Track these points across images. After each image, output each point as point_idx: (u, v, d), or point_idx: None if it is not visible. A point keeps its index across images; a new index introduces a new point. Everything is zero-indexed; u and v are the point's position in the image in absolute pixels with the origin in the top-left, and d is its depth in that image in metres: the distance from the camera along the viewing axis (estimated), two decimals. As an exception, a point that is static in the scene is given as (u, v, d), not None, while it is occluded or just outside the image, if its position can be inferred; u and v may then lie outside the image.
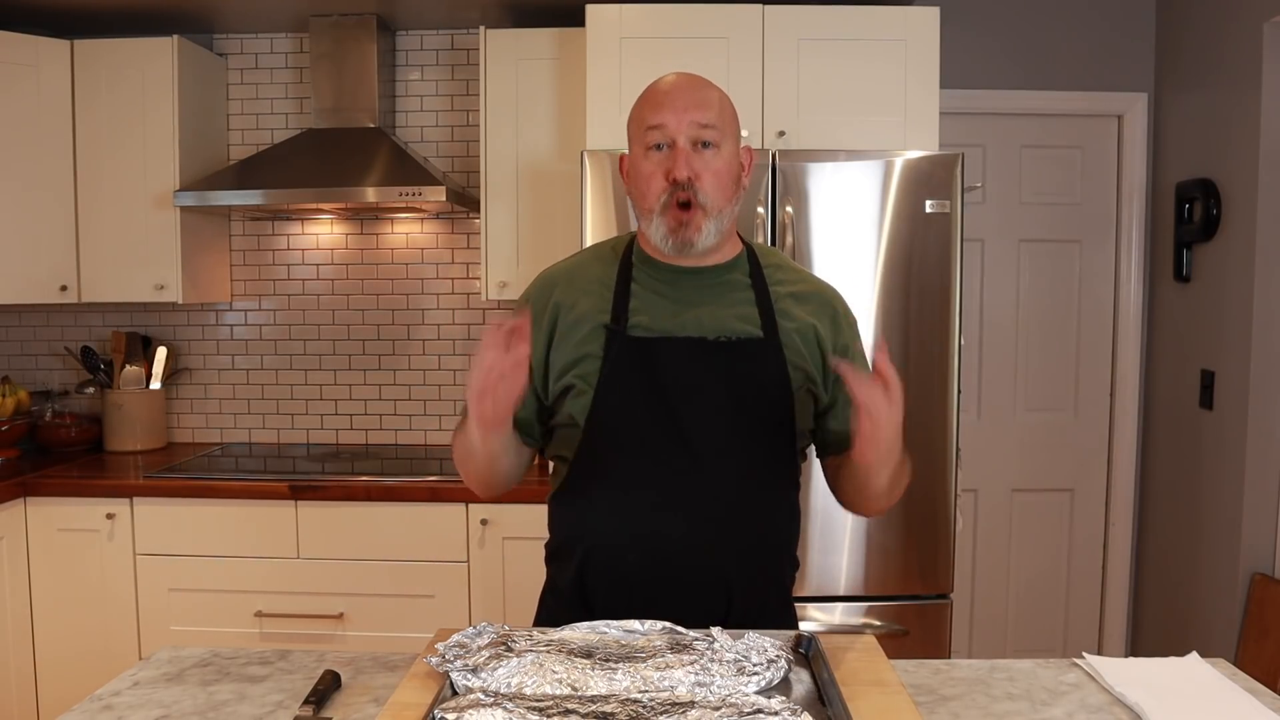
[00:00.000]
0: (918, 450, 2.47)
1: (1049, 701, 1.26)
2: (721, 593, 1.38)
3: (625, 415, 1.37)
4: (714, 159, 1.36)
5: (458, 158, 3.28)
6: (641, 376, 1.37)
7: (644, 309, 1.40)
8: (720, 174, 1.36)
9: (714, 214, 1.36)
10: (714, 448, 1.37)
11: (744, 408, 1.38)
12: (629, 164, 1.43)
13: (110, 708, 1.22)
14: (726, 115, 1.39)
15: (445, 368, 3.32)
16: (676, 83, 1.39)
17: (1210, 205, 2.80)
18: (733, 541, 1.39)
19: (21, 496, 2.75)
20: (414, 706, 1.08)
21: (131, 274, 3.01)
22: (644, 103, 1.40)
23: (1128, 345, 3.25)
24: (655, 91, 1.39)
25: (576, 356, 1.39)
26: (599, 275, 1.44)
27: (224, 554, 2.73)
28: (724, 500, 1.38)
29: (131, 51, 2.97)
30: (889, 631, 2.48)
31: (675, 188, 1.34)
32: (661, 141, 1.36)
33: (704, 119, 1.35)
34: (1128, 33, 3.17)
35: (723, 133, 1.37)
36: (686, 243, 1.36)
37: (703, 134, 1.35)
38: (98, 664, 2.72)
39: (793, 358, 1.40)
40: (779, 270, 1.47)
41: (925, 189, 2.45)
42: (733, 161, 1.39)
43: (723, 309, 1.40)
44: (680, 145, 1.35)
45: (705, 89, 1.39)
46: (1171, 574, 3.08)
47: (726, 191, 1.38)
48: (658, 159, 1.36)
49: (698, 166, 1.35)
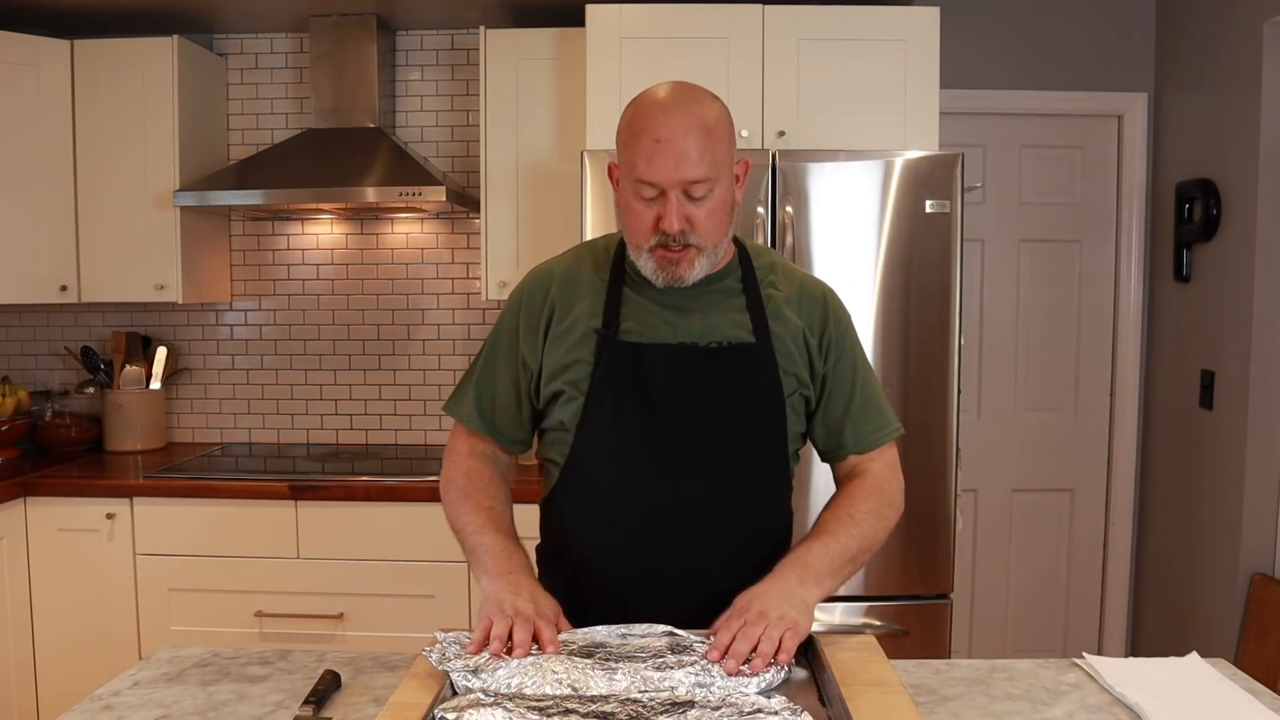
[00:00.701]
0: (918, 450, 2.49)
1: (1049, 701, 1.26)
2: (713, 598, 1.38)
3: (615, 422, 1.36)
4: (707, 201, 1.30)
5: (458, 158, 3.28)
6: (632, 383, 1.36)
7: (635, 314, 1.39)
8: (714, 214, 1.31)
9: (707, 250, 1.33)
10: (704, 454, 1.37)
11: (735, 413, 1.37)
12: (619, 194, 1.36)
13: (110, 708, 1.22)
14: (720, 154, 1.29)
15: (445, 368, 3.32)
16: (670, 126, 1.26)
17: (1210, 205, 2.80)
18: (724, 547, 1.39)
19: (21, 496, 2.75)
20: (414, 706, 1.08)
21: (131, 274, 3.01)
22: (635, 145, 1.29)
23: (1128, 345, 3.25)
24: (647, 134, 1.27)
25: (568, 361, 1.38)
26: (591, 278, 1.43)
27: (224, 554, 2.73)
28: (714, 506, 1.38)
29: (131, 51, 2.97)
30: (889, 631, 2.48)
31: (666, 236, 1.29)
32: (652, 194, 1.29)
33: (697, 174, 1.27)
34: (1128, 33, 3.17)
35: (716, 176, 1.29)
36: (677, 279, 1.34)
37: (695, 189, 1.28)
38: (98, 664, 2.72)
39: (785, 363, 1.39)
40: (772, 271, 1.45)
41: (925, 189, 2.45)
42: (727, 194, 1.33)
43: (715, 315, 1.39)
44: (671, 198, 1.28)
45: (699, 130, 1.27)
46: (1171, 574, 3.08)
47: (721, 227, 1.33)
48: (648, 203, 1.30)
49: (690, 212, 1.29)
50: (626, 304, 1.39)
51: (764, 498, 1.43)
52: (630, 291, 1.40)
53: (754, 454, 1.40)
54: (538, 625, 1.19)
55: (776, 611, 1.20)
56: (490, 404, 1.47)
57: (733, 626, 1.19)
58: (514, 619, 1.19)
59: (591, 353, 1.37)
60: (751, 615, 1.20)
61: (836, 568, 1.31)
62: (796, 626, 1.20)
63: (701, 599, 1.36)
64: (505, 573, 1.30)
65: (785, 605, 1.21)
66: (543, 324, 1.41)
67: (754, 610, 1.20)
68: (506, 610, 1.20)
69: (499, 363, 1.46)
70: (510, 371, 1.45)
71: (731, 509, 1.39)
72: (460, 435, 1.50)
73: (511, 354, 1.45)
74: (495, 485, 1.45)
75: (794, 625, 1.19)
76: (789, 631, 1.18)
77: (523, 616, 1.19)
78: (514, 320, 1.45)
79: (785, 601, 1.22)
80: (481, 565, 1.33)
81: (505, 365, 1.45)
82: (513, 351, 1.45)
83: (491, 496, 1.43)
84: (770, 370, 1.38)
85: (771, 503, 1.45)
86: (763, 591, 1.24)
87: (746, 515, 1.41)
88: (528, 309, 1.44)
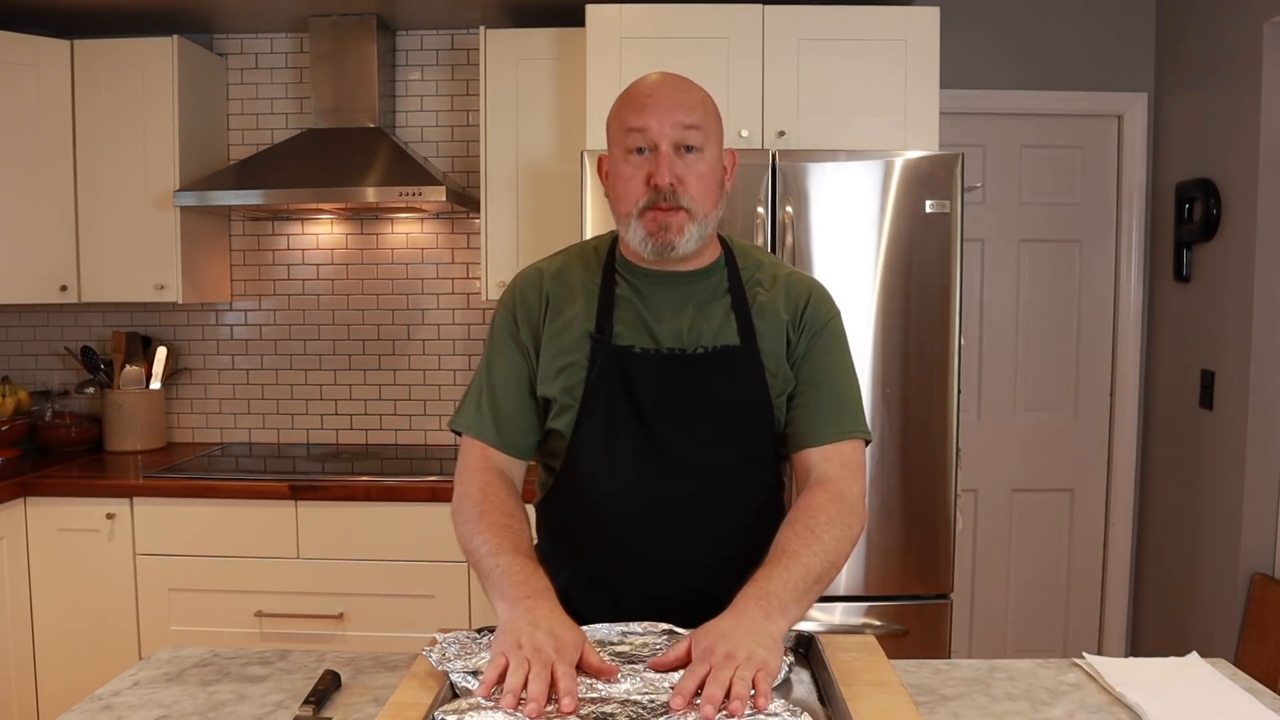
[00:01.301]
0: (917, 450, 2.49)
1: (1049, 701, 1.26)
2: (705, 603, 1.38)
3: (608, 428, 1.36)
4: (697, 162, 1.32)
5: (458, 158, 3.28)
6: (624, 391, 1.35)
7: (626, 319, 1.38)
8: (704, 177, 1.33)
9: (698, 218, 1.33)
10: (693, 458, 1.36)
11: (723, 417, 1.37)
12: (609, 166, 1.39)
13: (110, 708, 1.22)
14: (711, 116, 1.36)
15: (445, 368, 3.32)
16: (659, 82, 1.35)
17: (1210, 205, 2.80)
18: (715, 552, 1.39)
19: (21, 496, 2.75)
20: (414, 706, 1.08)
21: (131, 274, 3.01)
22: (625, 104, 1.36)
23: (1128, 345, 3.25)
24: (637, 92, 1.35)
25: (563, 364, 1.38)
26: (583, 279, 1.42)
27: (224, 554, 2.73)
28: (705, 510, 1.38)
29: (131, 51, 2.97)
30: (889, 631, 2.47)
31: (656, 194, 1.30)
32: (643, 145, 1.31)
33: (688, 119, 1.31)
34: (1128, 33, 3.17)
35: (707, 135, 1.33)
36: (667, 245, 1.33)
37: (686, 136, 1.30)
38: (98, 664, 2.72)
39: (770, 364, 1.38)
40: (759, 269, 1.44)
41: (925, 189, 2.45)
42: (716, 165, 1.36)
43: (702, 318, 1.38)
44: (663, 150, 1.30)
45: (689, 89, 1.35)
46: (1171, 574, 3.08)
47: (711, 195, 1.34)
48: (639, 162, 1.32)
49: (681, 171, 1.31)
50: (618, 307, 1.39)
51: (754, 499, 1.43)
52: (621, 295, 1.40)
53: (743, 457, 1.40)
54: (555, 672, 1.08)
55: (744, 651, 1.09)
56: (497, 412, 1.41)
57: (698, 672, 1.07)
58: (531, 660, 1.08)
59: (586, 356, 1.36)
60: (718, 658, 1.08)
61: (800, 593, 1.21)
62: (766, 666, 1.09)
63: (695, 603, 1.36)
64: (523, 598, 1.20)
65: (753, 644, 1.10)
66: (540, 319, 1.41)
67: (720, 652, 1.09)
68: (524, 647, 1.10)
69: (501, 368, 1.42)
70: (514, 372, 1.41)
71: (722, 512, 1.39)
72: (470, 450, 1.42)
73: (512, 354, 1.42)
74: (511, 502, 1.37)
75: (764, 665, 1.09)
76: (761, 672, 1.07)
77: (541, 656, 1.09)
78: (510, 320, 1.43)
79: (752, 639, 1.11)
80: (498, 589, 1.23)
81: (508, 368, 1.42)
82: (513, 351, 1.42)
83: (508, 514, 1.34)
84: (756, 373, 1.37)
85: (762, 504, 1.44)
86: (726, 630, 1.13)
87: (737, 517, 1.40)
88: (524, 305, 1.42)
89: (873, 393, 2.45)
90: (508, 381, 1.41)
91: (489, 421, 1.40)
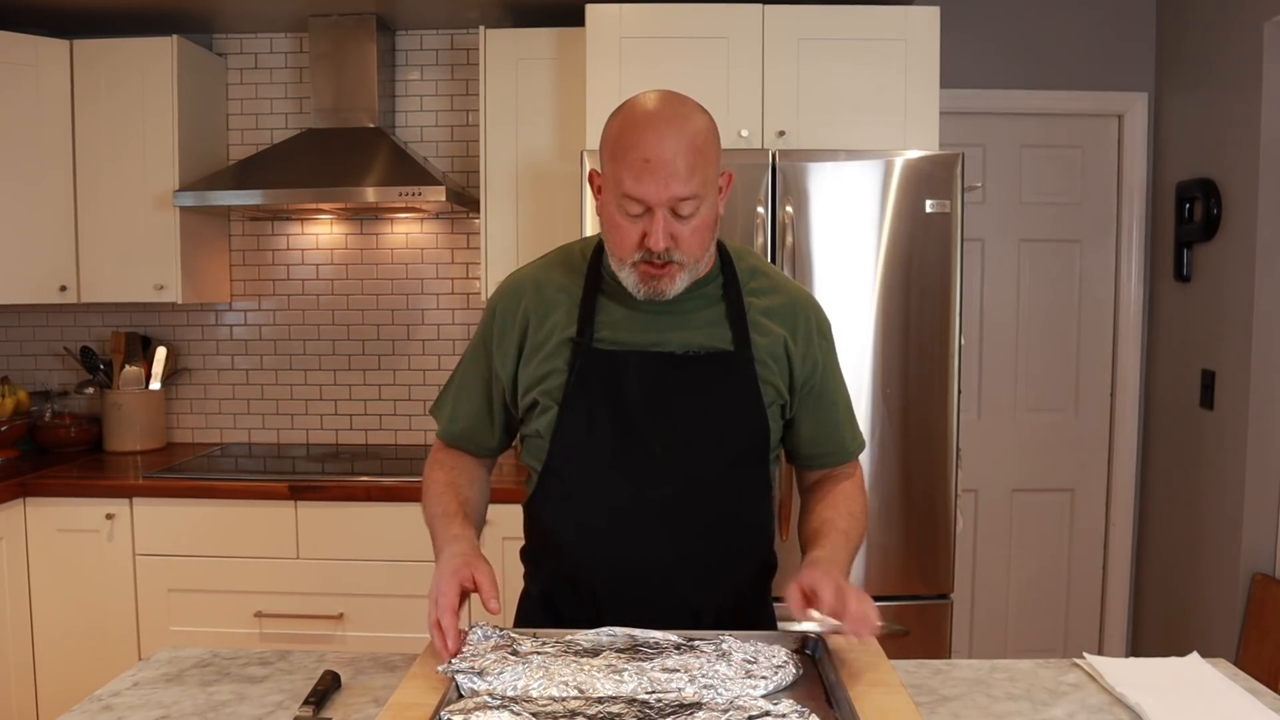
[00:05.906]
0: (918, 450, 2.49)
1: (1049, 702, 1.26)
2: (688, 606, 1.37)
3: (589, 431, 1.36)
4: (693, 218, 1.28)
5: (457, 158, 3.27)
6: (606, 390, 1.35)
7: (610, 323, 1.37)
8: (699, 230, 1.29)
9: (690, 266, 1.31)
10: (679, 462, 1.36)
11: (711, 421, 1.36)
12: (601, 205, 1.32)
13: (110, 708, 1.22)
14: (708, 171, 1.27)
15: (445, 368, 3.32)
16: (660, 146, 1.24)
17: (1210, 205, 2.80)
18: (699, 554, 1.39)
19: (21, 497, 2.74)
20: (414, 707, 1.08)
21: (131, 274, 3.00)
22: (623, 160, 1.26)
23: (1128, 345, 3.25)
24: (636, 151, 1.24)
25: (543, 372, 1.38)
26: (566, 285, 1.41)
27: (224, 554, 2.73)
28: (689, 513, 1.37)
29: (131, 51, 2.97)
30: (889, 631, 2.47)
31: (650, 253, 1.27)
32: (639, 211, 1.27)
33: (685, 191, 1.24)
34: (1128, 33, 3.17)
35: (703, 194, 1.27)
36: (658, 293, 1.32)
37: (683, 206, 1.26)
38: (97, 664, 2.72)
39: (763, 372, 1.37)
40: (754, 277, 1.43)
41: (925, 189, 2.45)
42: (712, 212, 1.31)
43: (694, 323, 1.37)
44: (658, 216, 1.25)
45: (688, 149, 1.24)
46: (1172, 574, 3.08)
47: (704, 244, 1.32)
48: (633, 218, 1.28)
49: (676, 230, 1.27)
50: (602, 311, 1.38)
51: (740, 505, 1.42)
52: (606, 299, 1.39)
53: (731, 462, 1.39)
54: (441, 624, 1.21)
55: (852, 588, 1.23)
56: (457, 416, 1.51)
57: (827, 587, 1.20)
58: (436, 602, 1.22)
59: (566, 362, 1.36)
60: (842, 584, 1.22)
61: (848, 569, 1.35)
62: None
63: (677, 606, 1.36)
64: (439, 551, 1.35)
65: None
66: (515, 336, 1.41)
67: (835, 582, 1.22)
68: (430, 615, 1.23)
69: (470, 376, 1.49)
70: (481, 384, 1.47)
71: (706, 516, 1.38)
72: (438, 441, 1.57)
73: (482, 368, 1.46)
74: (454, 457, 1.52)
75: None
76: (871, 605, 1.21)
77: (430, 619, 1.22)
78: (486, 333, 1.46)
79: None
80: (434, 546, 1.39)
81: (476, 378, 1.48)
82: (483, 365, 1.46)
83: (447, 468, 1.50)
84: (749, 378, 1.37)
85: (748, 510, 1.43)
86: (830, 570, 1.26)
87: (720, 522, 1.40)
88: (500, 322, 1.43)
89: (873, 393, 2.45)
90: (472, 388, 1.49)
91: (447, 415, 1.52)
